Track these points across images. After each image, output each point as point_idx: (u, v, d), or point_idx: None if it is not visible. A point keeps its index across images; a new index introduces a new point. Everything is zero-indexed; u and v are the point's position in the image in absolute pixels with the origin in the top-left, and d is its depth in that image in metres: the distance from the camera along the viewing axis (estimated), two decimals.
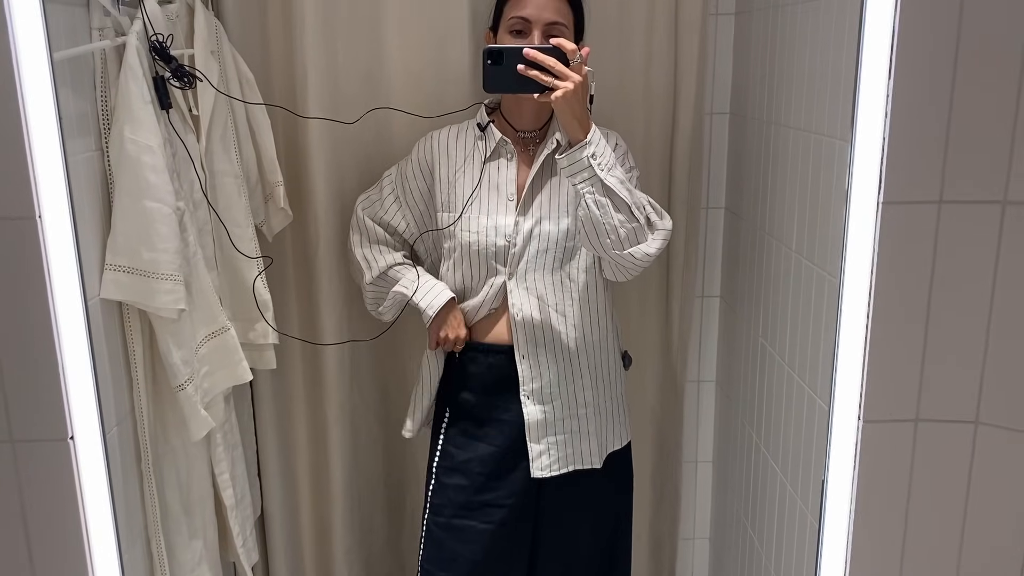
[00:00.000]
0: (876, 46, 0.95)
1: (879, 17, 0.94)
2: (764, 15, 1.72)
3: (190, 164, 1.47)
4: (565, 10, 1.57)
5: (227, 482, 1.62)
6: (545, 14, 1.54)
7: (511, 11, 1.57)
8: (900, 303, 1.04)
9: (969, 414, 1.06)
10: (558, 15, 1.55)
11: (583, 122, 1.43)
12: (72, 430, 1.00)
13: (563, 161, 1.45)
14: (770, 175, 1.70)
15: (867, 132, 0.96)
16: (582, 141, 1.43)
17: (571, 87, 1.40)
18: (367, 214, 1.73)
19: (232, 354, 1.57)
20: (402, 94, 1.82)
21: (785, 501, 1.62)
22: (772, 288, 1.69)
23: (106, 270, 1.33)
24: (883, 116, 0.96)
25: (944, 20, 0.97)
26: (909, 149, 0.99)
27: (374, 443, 2.04)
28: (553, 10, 1.55)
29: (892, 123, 0.97)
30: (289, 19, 1.75)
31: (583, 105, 1.44)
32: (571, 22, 1.59)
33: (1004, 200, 1.00)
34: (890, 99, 0.96)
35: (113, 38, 1.33)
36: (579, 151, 1.43)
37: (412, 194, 1.69)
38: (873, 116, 0.96)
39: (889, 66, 0.95)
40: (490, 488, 1.66)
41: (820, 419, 1.42)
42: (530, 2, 1.55)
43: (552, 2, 1.55)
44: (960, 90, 0.99)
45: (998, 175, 1.00)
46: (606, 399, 1.70)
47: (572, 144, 1.44)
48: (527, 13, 1.54)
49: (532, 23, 1.54)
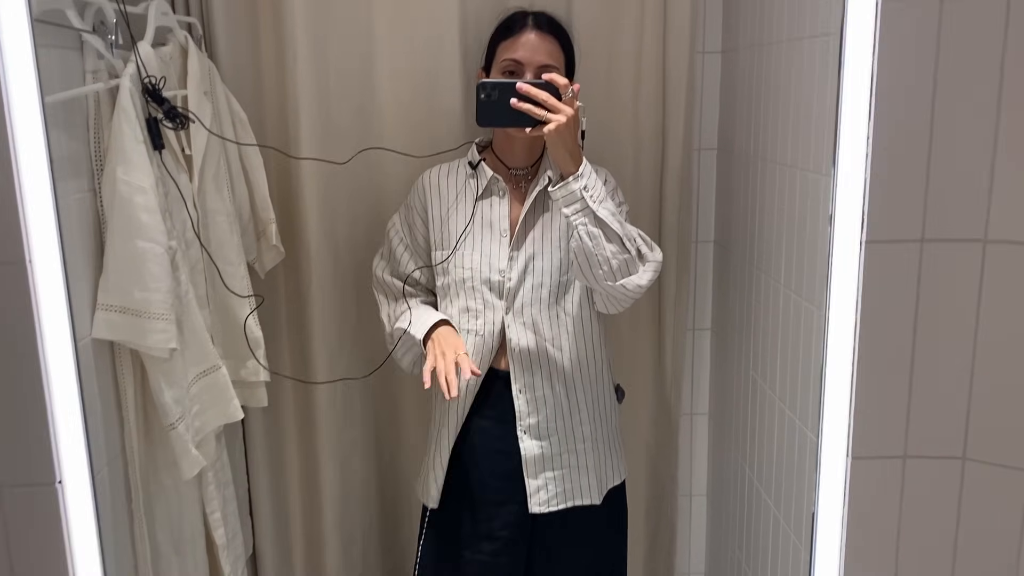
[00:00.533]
0: (856, 86, 0.97)
1: (858, 57, 0.96)
2: (749, 53, 1.74)
3: (182, 203, 1.48)
4: (556, 52, 1.60)
5: (218, 521, 1.61)
6: (537, 57, 1.57)
7: (504, 53, 1.60)
8: (885, 340, 1.04)
9: (956, 450, 1.07)
10: (549, 58, 1.58)
11: (575, 155, 1.45)
12: (60, 474, 1.00)
13: (556, 193, 1.46)
14: (757, 210, 1.71)
15: (849, 171, 0.98)
16: (574, 173, 1.45)
17: (564, 120, 1.42)
18: (385, 272, 1.73)
19: (224, 392, 1.57)
20: (394, 131, 1.84)
21: (779, 535, 1.62)
22: (762, 321, 1.70)
23: (98, 310, 1.33)
24: (864, 156, 0.98)
25: (922, 60, 0.99)
26: (890, 188, 1.00)
27: (366, 481, 2.03)
28: (545, 53, 1.58)
29: (873, 163, 0.98)
30: (282, 59, 1.77)
31: (575, 138, 1.46)
32: (562, 63, 1.61)
33: (985, 239, 1.01)
34: (870, 139, 0.98)
35: (106, 80, 1.35)
36: (572, 182, 1.44)
37: (418, 239, 1.69)
38: (854, 155, 0.98)
39: (869, 106, 0.97)
40: (484, 519, 1.65)
41: (811, 453, 1.42)
42: (523, 45, 1.58)
43: (544, 45, 1.58)
44: (939, 129, 1.01)
45: (978, 214, 1.02)
46: (603, 433, 1.70)
47: (564, 177, 1.46)
48: (520, 56, 1.57)
49: (524, 65, 1.57)
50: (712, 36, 1.94)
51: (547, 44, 1.59)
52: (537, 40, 1.58)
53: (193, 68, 1.57)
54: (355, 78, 1.82)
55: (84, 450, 1.00)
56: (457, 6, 1.79)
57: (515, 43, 1.59)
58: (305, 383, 1.88)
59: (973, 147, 1.00)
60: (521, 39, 1.58)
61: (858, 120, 0.97)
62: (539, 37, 1.58)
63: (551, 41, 1.60)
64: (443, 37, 1.80)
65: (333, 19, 1.78)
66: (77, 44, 1.31)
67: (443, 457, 1.67)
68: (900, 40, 0.97)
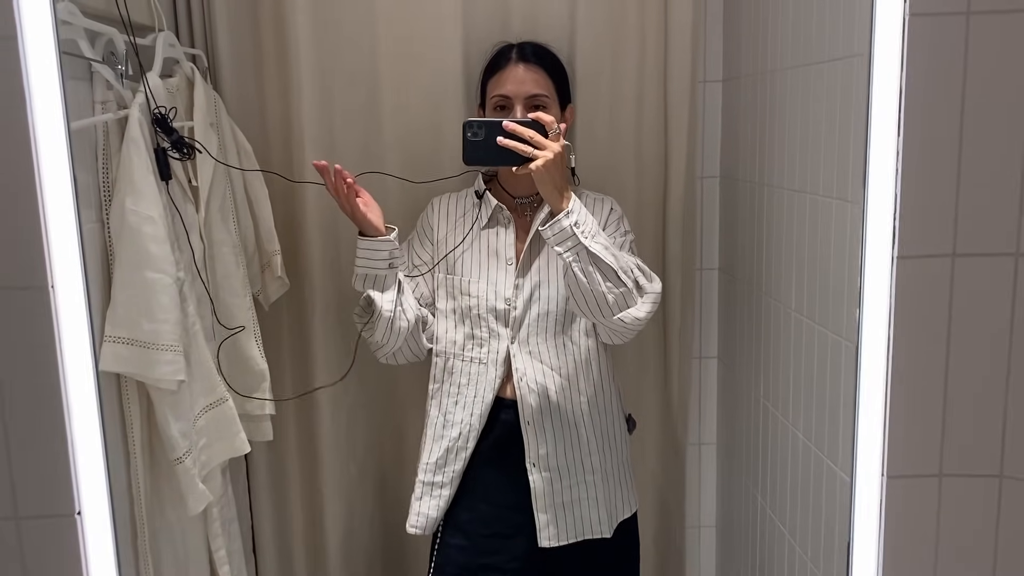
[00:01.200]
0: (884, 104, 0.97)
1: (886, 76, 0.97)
2: (752, 81, 1.76)
3: (188, 235, 1.47)
4: (544, 81, 1.60)
5: (224, 558, 1.57)
6: (524, 88, 1.58)
7: (493, 89, 1.61)
8: (918, 358, 1.04)
9: (993, 468, 1.05)
10: (538, 87, 1.59)
11: (564, 192, 1.45)
12: (80, 505, 0.97)
13: (547, 232, 1.45)
14: (764, 236, 1.72)
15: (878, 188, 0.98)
16: (564, 210, 1.44)
17: (550, 156, 1.42)
18: None
19: (230, 425, 1.54)
20: (398, 161, 1.84)
21: (795, 563, 1.59)
22: (772, 348, 1.69)
23: (105, 342, 1.30)
24: (894, 172, 0.98)
25: (949, 76, 0.99)
26: (921, 204, 1.00)
27: (371, 515, 1.99)
28: (532, 83, 1.58)
29: (903, 179, 0.98)
30: (286, 91, 1.77)
31: (563, 175, 1.45)
32: (553, 91, 1.62)
33: (1017, 252, 1.01)
34: (900, 155, 0.98)
35: (115, 111, 1.34)
36: (562, 219, 1.43)
37: (419, 257, 1.68)
38: (884, 172, 0.98)
39: (898, 123, 0.97)
40: (492, 551, 1.63)
41: (829, 479, 1.41)
42: (509, 79, 1.59)
43: (531, 75, 1.59)
44: (968, 144, 1.01)
45: (1009, 227, 1.02)
46: (613, 465, 1.68)
47: (554, 214, 1.45)
48: (507, 90, 1.58)
49: (513, 99, 1.58)
50: (713, 65, 1.96)
51: (534, 74, 1.59)
52: (524, 72, 1.59)
53: (199, 99, 1.56)
54: (359, 112, 1.82)
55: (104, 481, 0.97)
56: (460, 40, 1.80)
57: (502, 78, 1.59)
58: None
59: (1002, 160, 1.01)
60: (507, 73, 1.59)
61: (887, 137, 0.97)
62: (526, 69, 1.59)
63: (538, 71, 1.60)
64: (447, 71, 1.81)
65: (337, 52, 1.79)
66: (87, 74, 1.31)
67: (449, 487, 1.64)
68: (927, 56, 0.97)
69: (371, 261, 1.55)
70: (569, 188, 1.46)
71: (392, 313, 1.57)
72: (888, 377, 1.02)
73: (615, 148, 1.89)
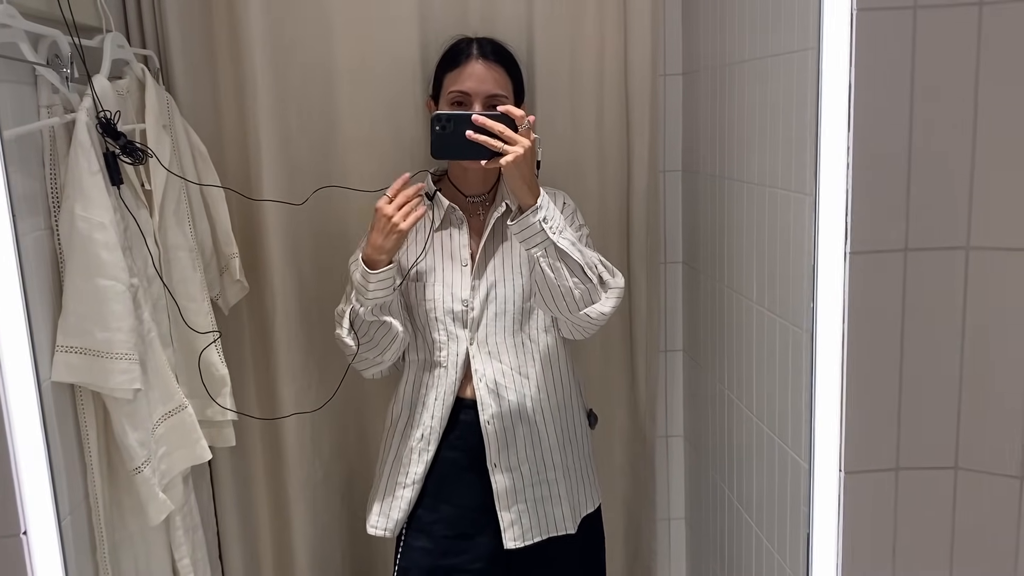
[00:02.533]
0: (834, 99, 0.97)
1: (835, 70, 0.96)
2: (712, 74, 1.76)
3: (143, 240, 1.44)
4: (504, 81, 1.59)
5: (188, 567, 1.55)
6: (484, 87, 1.56)
7: (451, 84, 1.58)
8: (873, 351, 1.04)
9: (948, 460, 1.06)
10: (497, 87, 1.57)
11: (532, 187, 1.44)
12: (25, 524, 0.95)
13: (515, 227, 1.44)
14: (726, 229, 1.72)
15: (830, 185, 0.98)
16: (532, 206, 1.43)
17: (521, 151, 1.41)
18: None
19: (190, 433, 1.52)
20: (356, 161, 1.82)
21: (762, 555, 1.60)
22: (735, 340, 1.70)
23: (57, 352, 1.28)
24: (845, 168, 0.98)
25: (897, 71, 1.00)
26: (872, 199, 1.00)
27: (338, 519, 1.97)
28: (492, 82, 1.57)
29: (854, 174, 0.99)
30: (241, 91, 1.75)
31: (532, 170, 1.44)
32: (510, 91, 1.60)
33: (968, 246, 1.02)
34: (851, 151, 0.98)
35: (62, 115, 1.31)
36: (531, 216, 1.43)
37: None
38: (835, 169, 0.98)
39: (848, 118, 0.97)
40: (456, 552, 1.62)
41: (793, 471, 1.41)
42: (469, 75, 1.56)
43: (491, 74, 1.57)
44: (918, 138, 1.01)
45: (960, 221, 1.02)
46: (574, 460, 1.68)
47: (523, 209, 1.44)
48: (467, 87, 1.56)
49: (472, 96, 1.56)
50: (673, 58, 1.96)
51: (494, 73, 1.58)
52: (483, 70, 1.57)
53: (151, 101, 1.53)
54: (316, 109, 1.80)
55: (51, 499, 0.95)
56: (417, 36, 1.78)
57: (461, 74, 1.57)
58: (273, 420, 1.83)
59: (952, 155, 1.01)
60: (467, 69, 1.57)
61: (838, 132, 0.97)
62: (485, 66, 1.57)
63: (498, 69, 1.58)
64: (403, 66, 1.79)
65: (292, 49, 1.76)
66: (31, 78, 1.27)
67: (411, 489, 1.62)
68: (876, 51, 0.97)
69: (382, 290, 1.51)
70: (537, 183, 1.45)
71: (401, 329, 1.56)
72: (844, 374, 1.02)
73: (577, 143, 1.88)
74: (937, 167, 1.02)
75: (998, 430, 1.08)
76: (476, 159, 1.45)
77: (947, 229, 1.02)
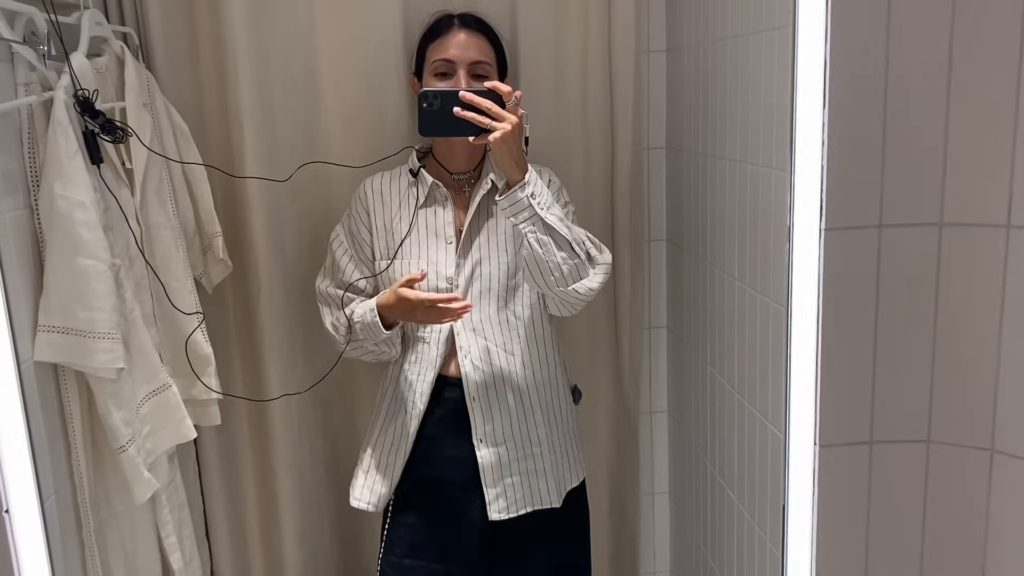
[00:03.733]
0: (809, 76, 0.98)
1: (811, 48, 0.97)
2: (695, 51, 1.76)
3: (124, 219, 1.44)
4: (487, 48, 1.59)
5: (174, 545, 1.56)
6: (468, 54, 1.56)
7: (434, 54, 1.58)
8: (847, 327, 1.05)
9: (921, 433, 1.08)
10: (481, 54, 1.57)
11: (520, 163, 1.44)
12: (7, 503, 0.95)
13: (503, 203, 1.45)
14: (709, 206, 1.72)
15: (806, 162, 0.98)
16: (520, 182, 1.44)
17: (508, 128, 1.41)
18: (329, 286, 1.68)
19: (175, 412, 1.52)
20: (340, 138, 1.81)
21: (744, 529, 1.62)
22: (718, 317, 1.71)
23: (39, 332, 1.28)
24: (820, 145, 0.98)
25: (873, 48, 1.00)
26: (847, 176, 1.01)
27: (325, 496, 1.98)
28: (476, 49, 1.57)
29: (829, 152, 0.99)
30: (222, 68, 1.73)
31: (519, 146, 1.45)
32: (494, 60, 1.61)
33: (940, 222, 1.03)
34: (825, 128, 0.99)
35: (40, 93, 1.30)
36: (518, 191, 1.43)
37: (363, 249, 1.66)
38: (811, 145, 0.98)
39: (823, 95, 0.98)
40: (442, 526, 1.63)
41: (774, 445, 1.43)
42: (453, 43, 1.57)
43: (474, 41, 1.58)
44: (892, 115, 1.02)
45: (933, 198, 1.03)
46: (559, 436, 1.69)
47: (510, 185, 1.45)
48: (451, 55, 1.56)
49: (456, 64, 1.56)
50: (656, 35, 1.95)
51: (477, 40, 1.58)
52: (466, 38, 1.57)
53: (131, 79, 1.52)
54: (298, 86, 1.79)
55: (32, 477, 0.95)
56: (400, 12, 1.77)
57: (444, 43, 1.58)
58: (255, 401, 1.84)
59: (926, 132, 1.02)
60: (450, 38, 1.57)
61: (813, 109, 0.97)
62: (468, 35, 1.58)
63: (480, 38, 1.59)
64: (386, 43, 1.78)
65: (274, 26, 1.75)
66: (7, 56, 1.26)
67: (396, 465, 1.64)
68: (852, 28, 0.98)
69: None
70: (526, 159, 1.45)
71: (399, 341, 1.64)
72: (819, 349, 1.03)
73: (561, 121, 1.88)
74: (911, 144, 1.02)
75: (970, 404, 1.09)
76: (463, 135, 1.45)
77: (921, 206, 1.03)
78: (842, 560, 1.11)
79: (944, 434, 1.07)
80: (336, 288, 1.67)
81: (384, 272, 1.63)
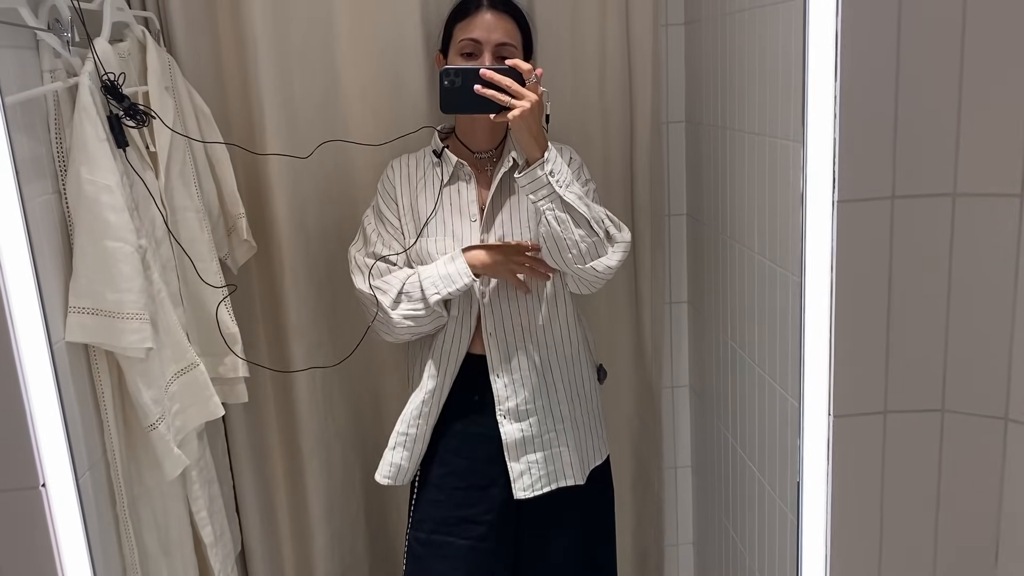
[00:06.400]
0: (821, 48, 0.97)
1: (822, 20, 0.96)
2: (712, 24, 1.75)
3: (150, 201, 1.46)
4: (513, 31, 1.60)
5: (205, 519, 1.60)
6: (495, 35, 1.57)
7: (461, 33, 1.59)
8: (861, 298, 1.06)
9: (935, 403, 1.08)
10: (507, 36, 1.58)
11: (540, 140, 1.45)
12: (44, 477, 0.99)
13: (522, 180, 1.46)
14: (727, 179, 1.72)
15: (818, 133, 0.98)
16: (540, 159, 1.44)
17: (528, 106, 1.42)
18: (366, 256, 1.67)
19: (203, 390, 1.56)
20: (359, 116, 1.83)
21: (764, 501, 1.64)
22: (737, 290, 1.71)
23: (70, 313, 1.31)
24: (832, 117, 0.98)
25: (884, 20, 0.99)
26: (859, 148, 1.01)
27: (351, 470, 2.02)
28: (502, 31, 1.57)
29: (841, 123, 0.99)
30: (242, 51, 1.75)
31: (539, 124, 1.46)
32: (519, 43, 1.61)
33: (954, 192, 1.03)
34: (838, 100, 0.99)
35: (65, 79, 1.33)
36: (537, 169, 1.44)
37: (391, 229, 1.66)
38: (823, 117, 0.98)
39: (835, 67, 0.97)
40: (468, 503, 1.66)
41: (792, 417, 1.44)
42: (479, 24, 1.57)
43: (501, 23, 1.58)
44: (904, 86, 1.01)
45: (946, 168, 1.03)
46: (583, 413, 1.71)
47: (530, 162, 1.46)
48: (477, 35, 1.57)
49: (483, 44, 1.57)
50: (675, 8, 1.94)
51: (504, 23, 1.58)
52: (493, 19, 1.58)
53: (153, 63, 1.54)
54: (318, 65, 1.80)
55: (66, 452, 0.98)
56: None
57: (471, 23, 1.58)
58: (284, 376, 1.87)
59: (938, 102, 1.01)
60: (477, 19, 1.58)
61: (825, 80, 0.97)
62: (495, 16, 1.58)
63: (507, 20, 1.59)
64: (405, 21, 1.78)
65: (292, 6, 1.76)
66: (32, 43, 1.29)
67: (422, 441, 1.66)
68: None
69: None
70: (545, 137, 1.46)
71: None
72: (832, 320, 1.04)
73: (579, 96, 1.88)
74: (923, 115, 1.02)
75: (984, 373, 1.09)
76: (484, 113, 1.46)
77: (934, 176, 1.03)
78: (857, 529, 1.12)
79: (958, 403, 1.07)
80: (369, 258, 1.66)
81: (412, 248, 1.64)
